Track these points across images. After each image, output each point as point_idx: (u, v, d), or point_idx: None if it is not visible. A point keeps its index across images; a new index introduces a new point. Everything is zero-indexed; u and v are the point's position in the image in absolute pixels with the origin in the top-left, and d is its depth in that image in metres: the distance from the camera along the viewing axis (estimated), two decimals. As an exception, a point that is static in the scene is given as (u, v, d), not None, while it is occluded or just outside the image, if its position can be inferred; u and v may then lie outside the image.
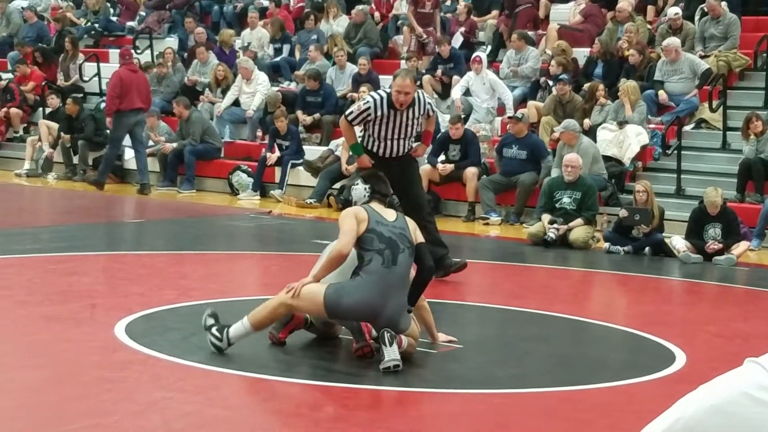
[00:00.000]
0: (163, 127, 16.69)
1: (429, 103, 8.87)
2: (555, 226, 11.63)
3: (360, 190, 6.53)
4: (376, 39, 17.90)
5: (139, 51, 19.57)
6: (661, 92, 14.55)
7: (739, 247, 10.99)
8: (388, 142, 8.70)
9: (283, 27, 18.60)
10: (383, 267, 6.06)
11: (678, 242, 11.16)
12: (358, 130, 8.92)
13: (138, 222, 13.43)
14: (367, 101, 8.64)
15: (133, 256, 10.25)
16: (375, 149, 8.73)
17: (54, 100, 17.82)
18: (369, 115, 8.57)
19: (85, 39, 21.05)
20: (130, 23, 21.24)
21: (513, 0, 16.87)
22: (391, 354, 5.90)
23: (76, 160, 17.23)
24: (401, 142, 8.73)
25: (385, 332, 5.93)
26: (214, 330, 6.16)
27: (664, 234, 11.54)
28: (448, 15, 17.92)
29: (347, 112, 8.82)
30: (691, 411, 1.28)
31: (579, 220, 11.75)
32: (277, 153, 15.50)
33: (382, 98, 8.60)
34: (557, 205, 11.92)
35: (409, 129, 8.72)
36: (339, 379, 5.80)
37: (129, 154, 17.05)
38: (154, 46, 19.68)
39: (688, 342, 7.10)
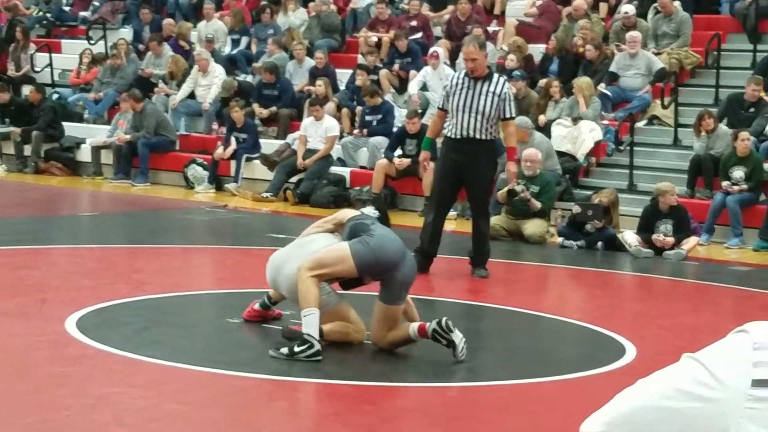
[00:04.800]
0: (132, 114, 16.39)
1: (506, 93, 9.13)
2: (520, 186, 11.74)
3: (371, 210, 6.99)
4: (336, 27, 17.84)
5: (92, 42, 19.41)
6: (601, 84, 14.61)
7: (689, 242, 11.12)
8: (462, 116, 9.02)
9: (243, 18, 18.53)
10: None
11: (629, 237, 11.27)
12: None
13: (91, 215, 13.34)
14: (449, 79, 9.48)
15: (85, 250, 10.18)
16: (452, 131, 9.12)
17: (4, 95, 17.51)
18: (448, 86, 9.22)
19: (37, 29, 20.84)
20: (83, 13, 21.05)
21: (462, 26, 16.79)
22: (457, 337, 6.10)
23: (27, 151, 17.05)
24: (475, 117, 9.00)
25: (446, 320, 6.14)
26: (298, 348, 5.96)
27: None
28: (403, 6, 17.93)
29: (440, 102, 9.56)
30: (629, 405, 1.31)
31: (538, 204, 11.81)
32: (232, 147, 15.41)
33: (460, 72, 9.41)
34: (515, 198, 11.98)
35: (482, 103, 9.02)
36: (293, 374, 5.81)
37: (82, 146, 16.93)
38: (108, 37, 19.52)
39: (638, 335, 7.18)
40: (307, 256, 6.29)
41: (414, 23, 17.21)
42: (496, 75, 9.42)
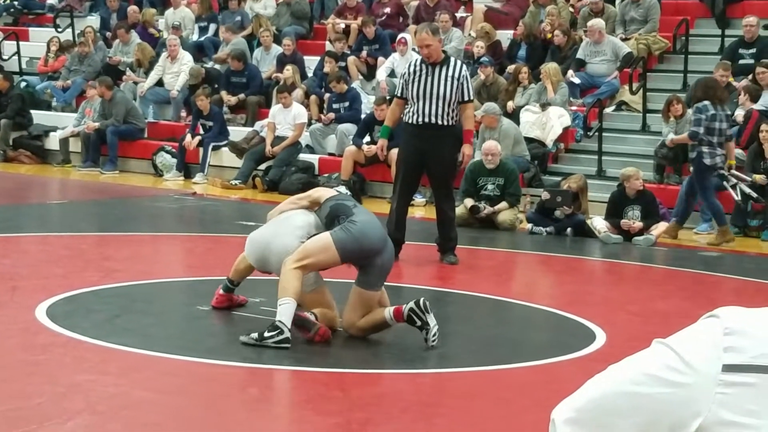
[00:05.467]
0: (98, 102, 16.27)
1: (465, 76, 9.13)
2: (483, 203, 11.80)
3: (343, 190, 7.23)
4: (306, 14, 17.79)
5: (60, 29, 19.26)
6: (569, 72, 14.66)
7: (658, 228, 11.19)
8: (423, 102, 9.02)
9: (210, 5, 18.44)
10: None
11: (599, 223, 11.33)
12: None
13: (60, 203, 13.26)
14: (405, 67, 9.46)
15: (55, 238, 10.13)
16: (413, 118, 9.10)
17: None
18: (406, 74, 9.16)
19: (4, 17, 20.66)
20: (50, 1, 20.86)
21: (431, 13, 16.73)
22: (431, 321, 6.12)
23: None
24: (436, 103, 9.01)
25: (423, 300, 6.15)
26: (268, 333, 5.98)
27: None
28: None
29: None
30: (599, 391, 1.32)
31: (503, 204, 11.87)
32: (199, 136, 15.34)
33: (417, 59, 9.31)
34: (481, 192, 12.01)
35: (442, 88, 9.02)
36: (264, 361, 5.82)
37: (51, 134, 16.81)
38: (75, 25, 19.38)
39: (608, 321, 7.23)
40: (293, 229, 6.34)
41: (387, 10, 17.19)
42: (452, 59, 9.40)
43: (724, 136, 11.29)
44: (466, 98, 9.14)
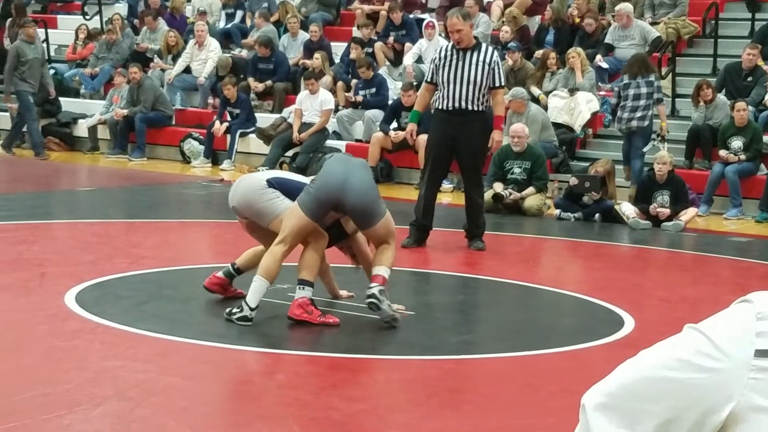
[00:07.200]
0: (126, 90, 16.36)
1: (496, 62, 9.12)
2: (509, 189, 11.77)
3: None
4: (333, 1, 17.80)
5: (88, 17, 19.32)
6: (598, 56, 14.58)
7: (687, 214, 11.12)
8: (454, 87, 9.01)
9: (237, -8, 18.45)
10: (341, 154, 6.60)
11: (627, 208, 11.27)
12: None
13: (88, 190, 13.32)
14: (436, 52, 9.54)
15: (83, 225, 10.18)
16: (443, 103, 9.10)
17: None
18: (437, 59, 9.15)
19: (33, 5, 20.75)
20: (78, -12, 20.94)
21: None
22: (383, 314, 6.17)
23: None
24: (467, 87, 8.98)
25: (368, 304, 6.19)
26: (231, 310, 6.23)
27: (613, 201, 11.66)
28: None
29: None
30: (630, 377, 1.31)
31: (531, 189, 11.83)
32: (226, 123, 15.36)
33: (447, 44, 9.39)
34: (508, 176, 11.97)
35: (473, 72, 9.00)
36: (291, 347, 5.82)
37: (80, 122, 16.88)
38: (103, 12, 19.43)
39: (636, 307, 7.19)
40: (278, 175, 6.82)
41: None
42: (483, 44, 9.39)
43: (649, 100, 12.36)
44: (497, 84, 9.10)
